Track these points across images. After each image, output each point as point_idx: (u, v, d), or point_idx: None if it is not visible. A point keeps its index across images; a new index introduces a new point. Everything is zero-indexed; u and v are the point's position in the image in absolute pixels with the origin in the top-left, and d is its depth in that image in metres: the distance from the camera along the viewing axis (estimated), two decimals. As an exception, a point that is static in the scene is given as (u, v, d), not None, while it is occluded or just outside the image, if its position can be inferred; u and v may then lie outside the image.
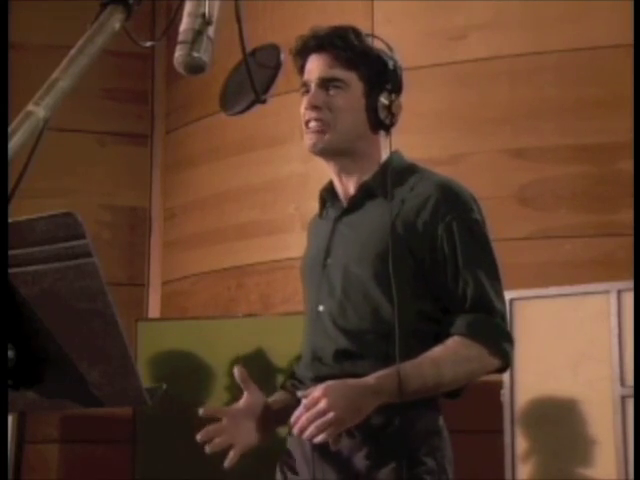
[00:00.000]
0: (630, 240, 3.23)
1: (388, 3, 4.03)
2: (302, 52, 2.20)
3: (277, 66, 1.54)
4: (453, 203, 2.12)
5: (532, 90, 3.75)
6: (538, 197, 3.68)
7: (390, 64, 2.18)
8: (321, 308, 2.16)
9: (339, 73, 2.15)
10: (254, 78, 1.49)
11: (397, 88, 2.19)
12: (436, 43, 3.89)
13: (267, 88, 1.52)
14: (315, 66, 2.17)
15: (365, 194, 2.19)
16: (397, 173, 2.17)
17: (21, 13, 4.34)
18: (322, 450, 2.05)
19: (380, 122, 2.17)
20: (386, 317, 2.06)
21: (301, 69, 2.21)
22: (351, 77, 2.15)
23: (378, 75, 2.17)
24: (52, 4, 4.54)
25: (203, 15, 1.38)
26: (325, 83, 2.15)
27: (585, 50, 3.69)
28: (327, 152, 2.18)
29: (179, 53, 1.38)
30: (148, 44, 1.50)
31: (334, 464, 2.08)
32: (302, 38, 2.20)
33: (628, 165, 3.50)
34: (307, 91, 2.18)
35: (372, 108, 2.15)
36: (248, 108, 1.55)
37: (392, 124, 2.19)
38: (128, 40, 1.38)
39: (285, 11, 4.24)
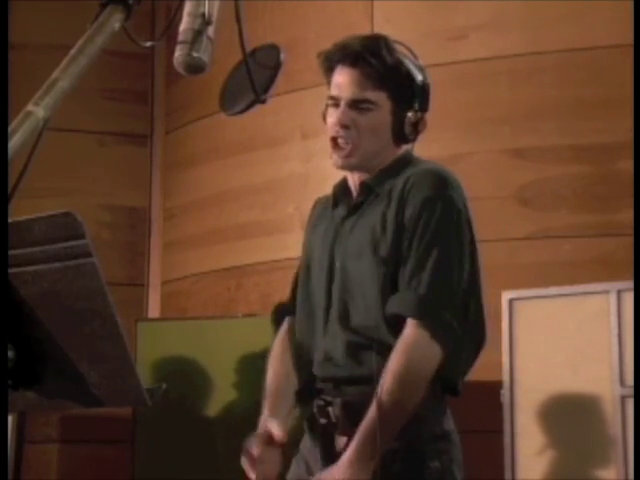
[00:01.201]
0: (630, 240, 3.23)
1: (388, 3, 4.03)
2: (331, 60, 2.23)
3: (277, 66, 1.54)
4: (429, 186, 2.15)
5: (532, 90, 3.75)
6: (538, 197, 3.68)
7: (419, 80, 2.22)
8: (332, 310, 2.20)
9: (370, 94, 2.18)
10: (254, 78, 1.49)
11: (424, 105, 2.24)
12: (436, 43, 3.89)
13: (267, 88, 1.52)
14: (347, 82, 2.20)
15: (365, 193, 2.24)
16: (393, 167, 2.22)
17: (21, 13, 4.33)
18: (332, 455, 2.10)
19: (405, 137, 2.22)
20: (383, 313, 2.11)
21: (328, 71, 2.24)
22: (380, 97, 2.19)
23: (407, 92, 2.21)
24: (52, 4, 4.53)
25: (203, 15, 1.38)
26: (356, 104, 2.19)
27: (585, 50, 3.69)
28: (351, 169, 2.25)
29: (179, 53, 1.38)
30: (148, 44, 1.50)
31: None
32: (335, 47, 2.22)
33: (628, 165, 3.50)
34: (336, 104, 2.21)
35: (398, 124, 2.21)
36: (248, 108, 1.55)
37: (415, 138, 2.24)
38: (128, 40, 1.39)
39: (285, 11, 4.24)
